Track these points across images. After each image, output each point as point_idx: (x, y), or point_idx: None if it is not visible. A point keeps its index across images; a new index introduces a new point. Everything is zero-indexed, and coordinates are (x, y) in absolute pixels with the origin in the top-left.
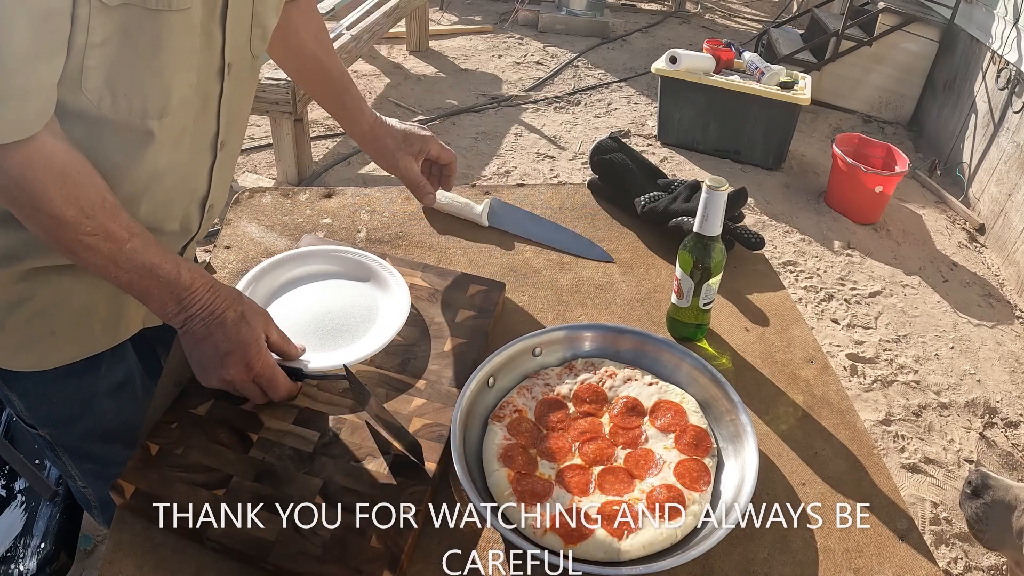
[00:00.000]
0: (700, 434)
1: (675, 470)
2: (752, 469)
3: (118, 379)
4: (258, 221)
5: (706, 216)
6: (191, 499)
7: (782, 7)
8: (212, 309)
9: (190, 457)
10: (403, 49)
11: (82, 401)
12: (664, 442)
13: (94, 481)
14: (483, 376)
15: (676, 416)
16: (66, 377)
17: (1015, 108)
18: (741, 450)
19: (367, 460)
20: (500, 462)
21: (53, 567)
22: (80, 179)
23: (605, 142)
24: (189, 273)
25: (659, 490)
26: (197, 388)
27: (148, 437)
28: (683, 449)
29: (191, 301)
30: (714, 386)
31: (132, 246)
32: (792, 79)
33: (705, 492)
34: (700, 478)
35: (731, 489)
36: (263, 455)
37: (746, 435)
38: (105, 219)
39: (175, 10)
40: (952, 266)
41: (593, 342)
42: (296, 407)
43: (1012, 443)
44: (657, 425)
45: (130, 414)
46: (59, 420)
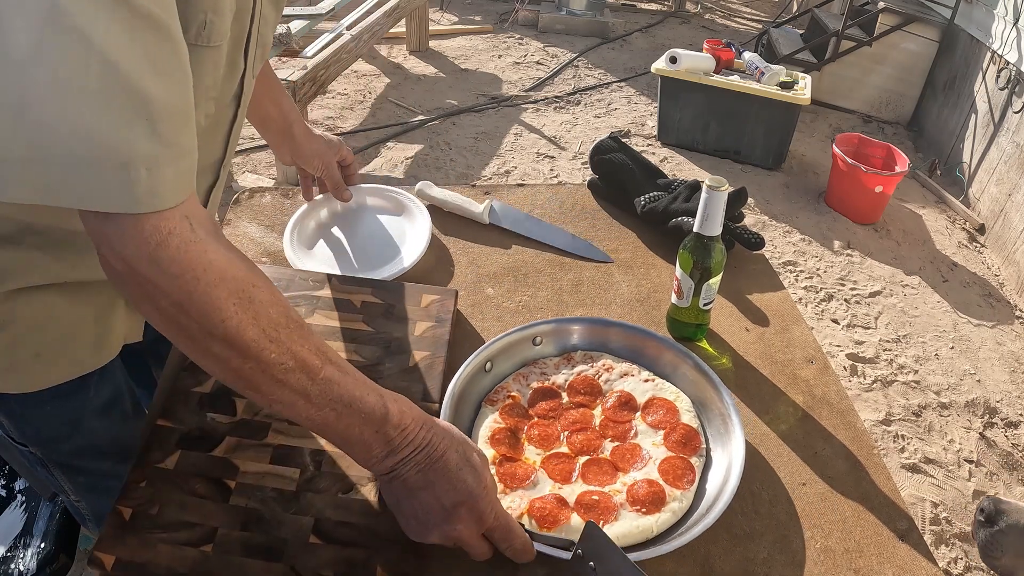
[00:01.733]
0: (690, 433)
1: (660, 466)
2: (737, 465)
3: (107, 398)
4: (258, 221)
5: (706, 216)
6: (178, 561)
7: (782, 7)
8: (429, 453)
9: (168, 515)
10: (403, 49)
11: (71, 421)
12: (653, 438)
13: (87, 494)
14: (481, 360)
15: (668, 414)
16: (53, 399)
17: (1015, 108)
18: (728, 445)
19: (354, 490)
20: (488, 444)
21: (53, 567)
22: (256, 292)
23: (605, 142)
24: (396, 406)
25: (640, 484)
26: (160, 441)
27: (118, 501)
28: (671, 447)
29: (403, 443)
30: (710, 388)
31: (327, 375)
32: (792, 79)
33: (688, 491)
34: (684, 476)
35: (716, 485)
36: (245, 501)
37: (733, 431)
38: (291, 342)
39: (211, 46)
40: (952, 266)
41: (593, 335)
42: (269, 444)
43: (1012, 443)
44: (648, 421)
45: (120, 431)
46: (48, 440)
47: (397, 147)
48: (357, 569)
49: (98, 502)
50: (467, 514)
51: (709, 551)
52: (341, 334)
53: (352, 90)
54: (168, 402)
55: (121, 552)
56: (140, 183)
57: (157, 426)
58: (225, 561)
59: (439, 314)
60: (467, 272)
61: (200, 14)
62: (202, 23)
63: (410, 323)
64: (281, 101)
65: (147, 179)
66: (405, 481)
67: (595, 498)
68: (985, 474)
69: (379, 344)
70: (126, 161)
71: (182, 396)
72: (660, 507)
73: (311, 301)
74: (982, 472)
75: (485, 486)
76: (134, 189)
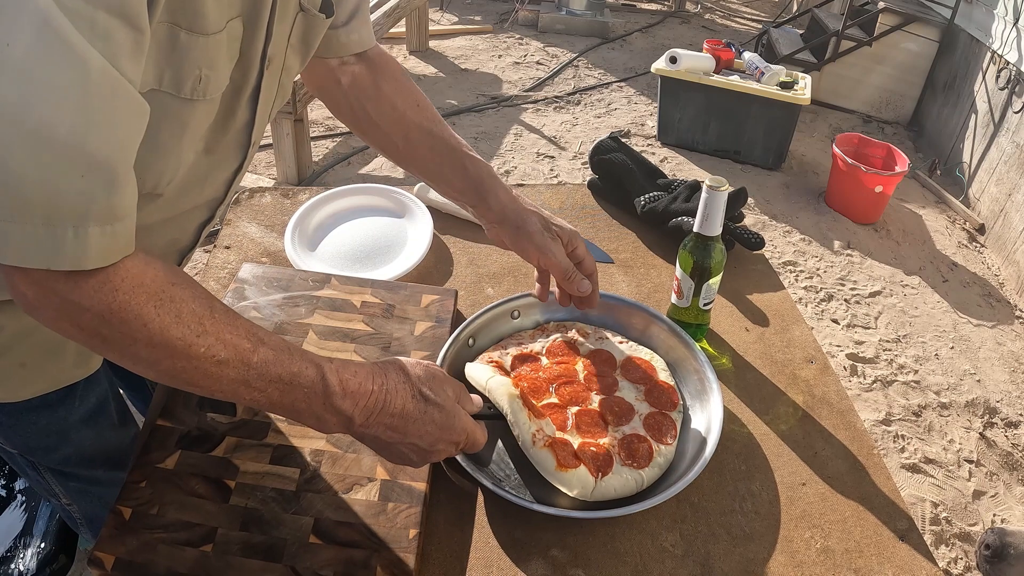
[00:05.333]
0: (668, 390)
1: (644, 421)
2: (717, 419)
3: (92, 405)
4: (258, 221)
5: (706, 216)
6: (178, 561)
7: (782, 7)
8: (389, 411)
9: (168, 515)
10: (403, 49)
11: (58, 431)
12: (635, 393)
13: (79, 499)
14: (465, 336)
15: (646, 371)
16: (40, 408)
17: (1015, 108)
18: (707, 404)
19: (354, 490)
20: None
21: (53, 567)
22: (175, 291)
23: (605, 142)
24: (337, 376)
25: (630, 439)
26: (160, 441)
27: (118, 501)
28: (652, 403)
29: (355, 411)
30: (683, 346)
31: (261, 357)
32: (792, 79)
33: (671, 445)
34: (667, 432)
35: (698, 438)
36: (245, 501)
37: (711, 391)
38: (219, 331)
39: (207, 100)
40: (952, 266)
41: (571, 309)
42: (269, 444)
43: (1012, 443)
44: (628, 377)
45: (107, 439)
46: (36, 448)
47: None
48: (357, 569)
49: (90, 507)
50: (445, 446)
51: (709, 551)
52: (341, 334)
53: None
54: (168, 402)
55: (121, 552)
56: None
57: (157, 426)
58: (225, 561)
59: (439, 314)
60: (467, 272)
61: (195, 70)
62: (197, 78)
63: (410, 323)
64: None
65: (73, 239)
66: (377, 438)
67: (593, 449)
68: (985, 474)
69: (379, 344)
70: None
71: (182, 396)
72: (648, 462)
73: (311, 301)
74: (982, 472)
75: (453, 414)
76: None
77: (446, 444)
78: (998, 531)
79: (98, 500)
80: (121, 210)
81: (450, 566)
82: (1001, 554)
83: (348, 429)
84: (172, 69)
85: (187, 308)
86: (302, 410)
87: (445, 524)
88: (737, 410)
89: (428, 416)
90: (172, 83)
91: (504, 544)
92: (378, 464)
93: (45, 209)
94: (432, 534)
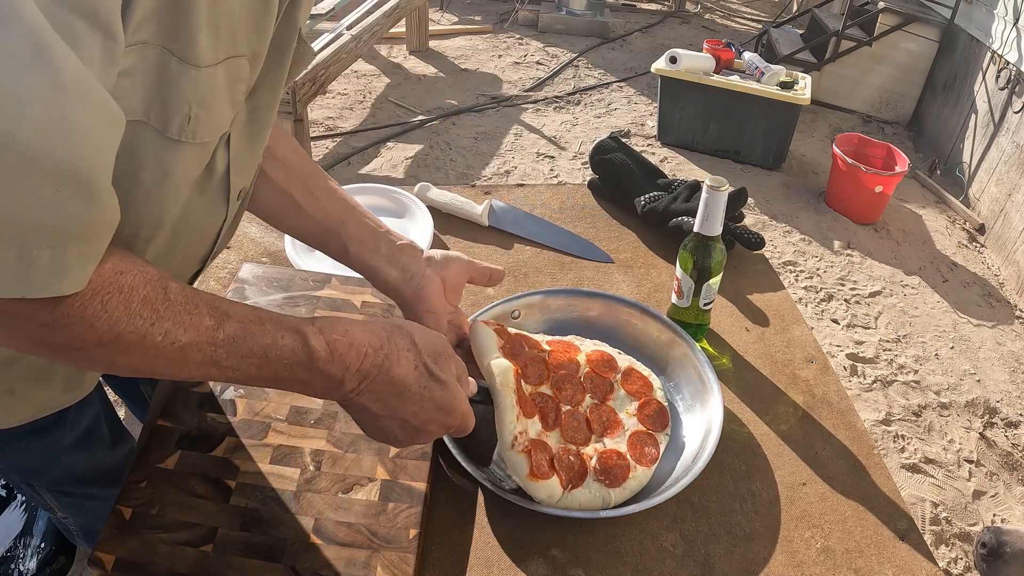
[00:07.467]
0: (661, 410)
1: (629, 439)
2: (717, 419)
3: (84, 429)
4: (258, 221)
5: (706, 216)
6: (178, 561)
7: (782, 7)
8: (385, 378)
9: (168, 515)
10: (403, 49)
11: (49, 455)
12: (628, 407)
13: (75, 512)
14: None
15: (643, 387)
16: (31, 434)
17: (1015, 108)
18: (707, 404)
19: (354, 490)
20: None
21: (53, 567)
22: (123, 280)
23: (605, 142)
24: (321, 339)
25: (610, 455)
26: (160, 441)
27: (118, 501)
28: (642, 420)
29: (345, 375)
30: (682, 346)
31: (228, 333)
32: (792, 79)
33: (649, 469)
34: (648, 454)
35: (698, 438)
36: (246, 501)
37: (711, 391)
38: (175, 315)
39: (196, 143)
40: (952, 266)
41: (571, 309)
42: (269, 444)
43: (1012, 443)
44: (626, 387)
45: (100, 460)
46: (28, 471)
47: (397, 147)
48: (357, 569)
49: (86, 520)
50: (437, 427)
51: (709, 551)
52: None
53: (352, 90)
54: (168, 402)
55: (121, 552)
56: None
57: (157, 426)
58: (225, 561)
59: None
60: None
61: (183, 107)
62: (186, 117)
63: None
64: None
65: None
66: (365, 409)
67: (571, 459)
68: (985, 474)
69: None
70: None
71: (182, 396)
72: (620, 483)
73: (311, 301)
74: (982, 472)
75: (455, 395)
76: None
77: (438, 426)
78: (994, 530)
79: (93, 513)
80: (101, 227)
81: (450, 566)
82: (997, 553)
83: (337, 394)
84: (160, 102)
85: (137, 297)
86: (285, 378)
87: (445, 524)
88: (737, 410)
89: (428, 392)
90: (159, 118)
91: (504, 544)
92: (378, 464)
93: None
94: (432, 534)
